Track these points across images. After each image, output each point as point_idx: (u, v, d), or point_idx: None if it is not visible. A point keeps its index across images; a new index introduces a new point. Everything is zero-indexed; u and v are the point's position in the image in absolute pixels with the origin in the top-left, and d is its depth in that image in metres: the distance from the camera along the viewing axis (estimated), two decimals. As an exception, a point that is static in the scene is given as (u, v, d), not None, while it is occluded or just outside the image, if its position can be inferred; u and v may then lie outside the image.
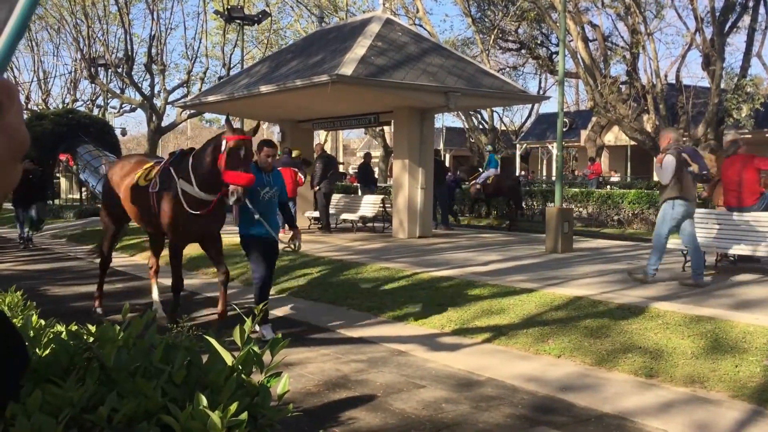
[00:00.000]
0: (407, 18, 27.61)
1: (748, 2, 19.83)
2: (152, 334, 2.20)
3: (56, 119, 24.37)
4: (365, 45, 12.73)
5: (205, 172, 6.14)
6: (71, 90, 38.66)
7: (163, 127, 30.39)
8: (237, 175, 5.76)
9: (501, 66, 32.67)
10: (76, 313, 7.24)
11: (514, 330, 6.38)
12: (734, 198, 8.95)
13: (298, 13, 31.85)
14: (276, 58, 16.18)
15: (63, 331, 2.40)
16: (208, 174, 6.12)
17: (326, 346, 6.18)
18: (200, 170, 6.19)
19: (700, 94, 22.68)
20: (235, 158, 5.80)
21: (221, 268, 6.50)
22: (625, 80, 23.19)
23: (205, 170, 6.15)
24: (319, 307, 7.97)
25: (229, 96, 14.81)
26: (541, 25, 28.47)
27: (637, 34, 21.87)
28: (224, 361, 2.01)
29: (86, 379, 2.00)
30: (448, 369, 5.50)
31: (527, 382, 5.14)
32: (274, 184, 6.33)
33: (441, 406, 4.61)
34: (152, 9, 28.88)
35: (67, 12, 31.90)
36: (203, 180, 6.19)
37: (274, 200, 6.36)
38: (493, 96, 14.13)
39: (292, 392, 4.75)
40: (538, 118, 37.71)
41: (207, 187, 6.19)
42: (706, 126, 20.14)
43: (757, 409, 4.53)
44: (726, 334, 5.82)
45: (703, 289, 7.62)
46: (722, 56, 19.65)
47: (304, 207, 15.62)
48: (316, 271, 9.45)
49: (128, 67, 28.83)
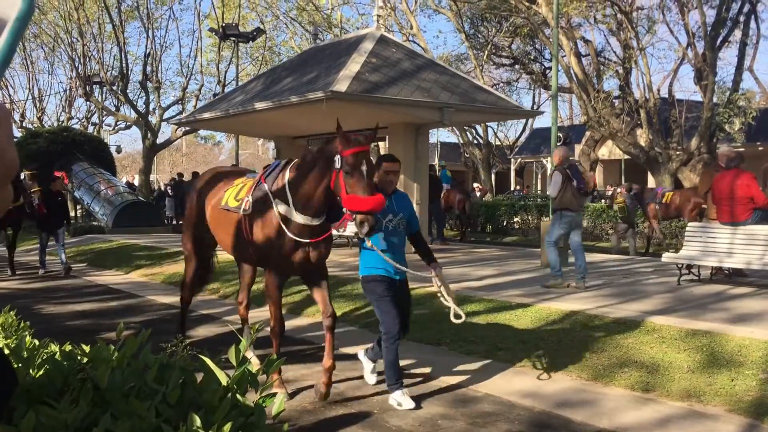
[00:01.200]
0: (401, 35, 27.78)
1: (739, 17, 20.02)
2: (147, 353, 2.19)
3: (51, 137, 24.37)
4: (360, 61, 12.80)
5: (309, 193, 4.88)
6: (66, 108, 38.69)
7: (158, 144, 30.44)
8: (362, 199, 4.44)
9: (495, 81, 32.85)
10: (71, 332, 7.21)
11: (510, 345, 6.37)
12: (726, 213, 8.96)
13: (293, 30, 32.05)
14: (271, 75, 16.25)
15: (57, 351, 2.39)
16: (313, 194, 4.87)
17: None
18: (302, 189, 4.92)
19: (693, 108, 22.82)
20: (357, 177, 4.51)
21: (327, 309, 5.21)
22: (618, 95, 23.32)
23: (308, 190, 4.88)
24: (315, 324, 7.95)
25: (224, 113, 14.85)
26: (534, 41, 28.66)
27: (629, 49, 22.04)
28: (219, 380, 2.01)
29: (80, 400, 1.99)
30: (443, 385, 5.48)
31: (524, 397, 5.13)
32: (399, 210, 5.06)
33: (437, 423, 4.59)
34: (147, 27, 29.03)
35: (62, 30, 32.02)
36: (306, 202, 4.93)
37: (400, 230, 5.08)
38: (488, 111, 14.20)
39: (288, 410, 4.73)
40: (533, 133, 37.90)
41: (311, 210, 4.94)
42: (699, 140, 20.25)
43: (754, 423, 4.52)
44: (722, 347, 5.82)
45: (698, 302, 7.63)
46: (714, 70, 19.80)
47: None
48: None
49: (123, 84, 28.92)
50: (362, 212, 4.43)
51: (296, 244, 5.00)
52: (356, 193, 4.46)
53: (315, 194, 4.84)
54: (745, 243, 8.58)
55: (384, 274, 4.98)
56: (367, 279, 5.05)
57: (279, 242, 5.02)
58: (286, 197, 4.99)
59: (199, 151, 67.97)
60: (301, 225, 4.96)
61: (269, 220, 5.08)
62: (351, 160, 4.52)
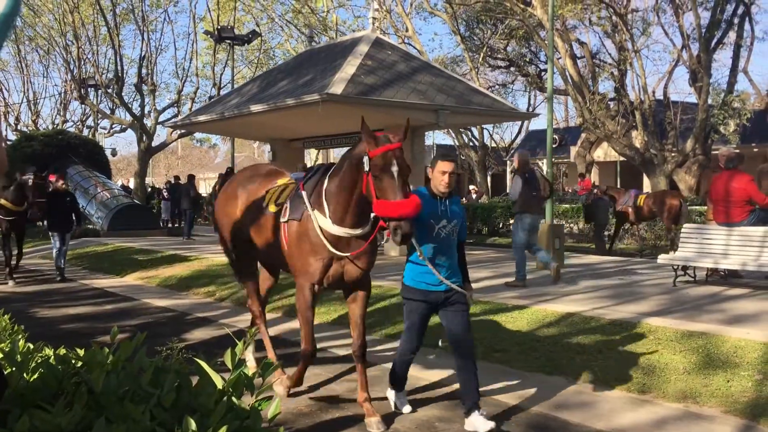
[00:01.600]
0: (397, 37, 27.81)
1: (734, 19, 20.10)
2: (141, 357, 2.18)
3: (46, 140, 24.35)
4: (355, 64, 12.81)
5: (345, 201, 4.47)
6: (61, 111, 38.65)
7: (153, 147, 30.39)
8: (394, 204, 4.00)
9: (490, 84, 32.93)
10: (66, 335, 7.19)
11: (506, 347, 6.36)
12: (722, 214, 8.98)
13: (288, 32, 32.05)
14: (266, 77, 16.24)
15: (51, 355, 2.37)
16: (348, 203, 4.46)
17: (319, 366, 6.13)
18: (338, 198, 4.52)
19: (688, 110, 22.90)
20: (386, 179, 4.08)
21: (357, 337, 4.78)
22: (613, 97, 23.39)
23: (344, 198, 4.48)
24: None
25: (219, 115, 14.84)
26: (529, 43, 28.73)
27: (624, 51, 22.11)
28: (214, 384, 2.00)
29: (74, 404, 1.98)
30: (440, 387, 5.48)
31: (520, 399, 5.12)
32: (452, 216, 4.50)
33: (434, 425, 4.59)
34: (142, 30, 29.00)
35: (57, 33, 31.96)
36: (343, 211, 4.51)
37: (453, 238, 4.54)
38: (483, 113, 14.22)
39: (284, 413, 4.72)
40: (528, 135, 37.95)
41: (348, 220, 4.52)
42: (695, 141, 20.31)
43: (750, 424, 4.53)
44: (717, 348, 5.83)
45: (694, 303, 7.64)
46: (709, 72, 19.88)
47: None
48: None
49: (118, 87, 28.88)
50: (393, 218, 4.00)
51: (332, 258, 4.60)
52: (386, 198, 4.03)
53: (350, 203, 4.43)
54: (741, 244, 8.60)
55: (425, 288, 4.48)
56: (407, 289, 4.59)
57: (314, 255, 4.62)
58: (323, 206, 4.60)
59: (195, 154, 67.92)
60: (338, 237, 4.54)
61: (305, 230, 4.67)
62: (379, 161, 4.09)
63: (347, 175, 4.41)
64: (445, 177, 4.43)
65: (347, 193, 4.42)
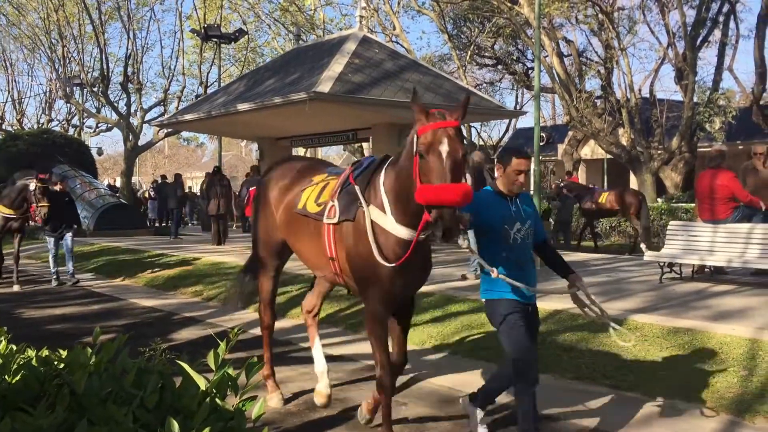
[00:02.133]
0: (384, 35, 27.80)
1: (719, 17, 20.24)
2: (124, 358, 2.16)
3: (31, 139, 24.16)
4: (342, 62, 12.79)
5: (407, 195, 3.67)
6: (46, 110, 38.39)
7: (139, 146, 30.24)
8: (436, 188, 3.33)
9: (478, 82, 32.97)
10: (50, 336, 7.14)
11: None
12: (707, 211, 9.06)
13: (275, 31, 31.94)
14: (253, 76, 16.19)
15: (33, 356, 2.35)
16: (404, 196, 3.71)
17: (307, 365, 6.11)
18: (400, 191, 3.77)
19: (674, 108, 23.04)
20: (433, 160, 3.40)
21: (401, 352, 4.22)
22: (600, 95, 23.51)
23: (402, 188, 3.73)
24: (300, 326, 7.92)
25: (206, 114, 14.78)
26: (516, 41, 28.80)
27: (611, 50, 22.22)
28: (197, 385, 1.99)
29: (56, 406, 1.96)
30: (429, 386, 5.48)
31: (507, 396, 5.12)
32: (527, 217, 3.96)
33: (423, 424, 4.59)
34: (128, 28, 28.83)
35: (42, 32, 31.72)
36: (401, 207, 3.78)
37: (529, 242, 3.99)
38: (471, 111, 14.15)
39: (272, 413, 4.71)
40: (516, 133, 38.03)
41: (411, 217, 3.72)
42: (680, 139, 20.44)
43: (735, 419, 4.56)
44: (703, 345, 5.87)
45: (680, 300, 7.69)
46: (694, 70, 20.00)
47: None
48: (295, 289, 9.39)
49: (104, 86, 28.71)
50: (436, 205, 3.31)
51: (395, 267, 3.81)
52: (430, 182, 3.37)
53: (409, 196, 3.64)
54: (726, 241, 8.66)
55: (516, 298, 3.86)
56: (493, 303, 3.93)
57: (376, 262, 3.84)
58: (382, 203, 3.88)
59: (182, 153, 67.60)
60: (404, 240, 3.78)
61: (362, 233, 3.93)
62: (427, 139, 3.44)
63: (405, 161, 3.69)
64: (521, 177, 3.91)
65: (409, 186, 3.60)
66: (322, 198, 4.32)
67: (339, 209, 4.09)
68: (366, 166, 4.21)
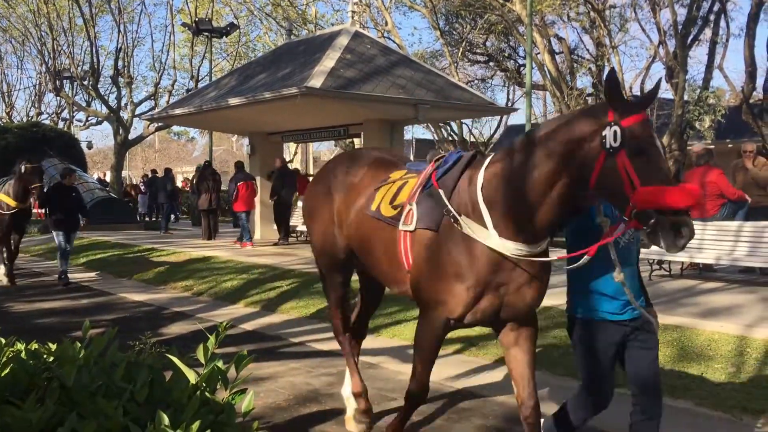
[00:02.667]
0: (376, 31, 27.75)
1: (710, 16, 20.31)
2: (114, 351, 2.16)
3: (20, 132, 24.03)
4: (334, 57, 12.76)
5: (532, 202, 3.09)
6: (36, 103, 38.13)
7: (130, 141, 30.10)
8: (677, 191, 2.75)
9: (470, 78, 32.95)
10: (40, 330, 7.10)
11: (484, 341, 6.39)
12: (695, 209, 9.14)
13: (267, 25, 31.84)
14: (245, 70, 16.14)
15: (22, 350, 2.34)
16: (539, 205, 3.08)
17: (297, 360, 6.12)
18: (515, 198, 3.15)
19: (664, 106, 23.12)
20: (653, 158, 2.80)
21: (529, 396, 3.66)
22: (591, 92, 23.55)
23: (531, 198, 3.09)
24: (291, 321, 7.92)
25: (197, 109, 14.72)
26: (508, 38, 28.81)
27: (602, 47, 22.28)
28: (187, 378, 1.98)
29: (46, 399, 1.95)
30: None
31: (497, 393, 5.15)
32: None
33: (412, 419, 4.58)
34: (119, 21, 28.65)
35: (31, 24, 31.49)
36: (523, 218, 3.14)
37: (633, 247, 3.37)
38: (462, 108, 14.26)
39: (262, 407, 4.71)
40: (507, 130, 38.03)
41: (532, 231, 3.17)
42: (671, 137, 20.52)
43: (723, 416, 4.59)
44: (692, 342, 5.91)
45: (669, 297, 7.73)
46: (685, 68, 20.07)
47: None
48: (286, 284, 9.39)
49: (94, 79, 28.54)
50: (676, 210, 2.73)
51: (492, 283, 3.25)
52: (654, 183, 2.75)
53: (542, 204, 3.06)
54: (715, 238, 8.72)
55: (608, 318, 3.28)
56: (581, 323, 3.39)
57: (460, 280, 3.26)
58: (479, 212, 3.23)
59: (173, 147, 67.31)
60: (499, 258, 3.21)
61: (447, 245, 3.33)
62: (638, 131, 2.80)
63: (544, 165, 3.01)
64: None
65: (541, 190, 3.03)
66: (398, 199, 3.68)
67: (418, 215, 3.49)
68: (452, 165, 3.53)
